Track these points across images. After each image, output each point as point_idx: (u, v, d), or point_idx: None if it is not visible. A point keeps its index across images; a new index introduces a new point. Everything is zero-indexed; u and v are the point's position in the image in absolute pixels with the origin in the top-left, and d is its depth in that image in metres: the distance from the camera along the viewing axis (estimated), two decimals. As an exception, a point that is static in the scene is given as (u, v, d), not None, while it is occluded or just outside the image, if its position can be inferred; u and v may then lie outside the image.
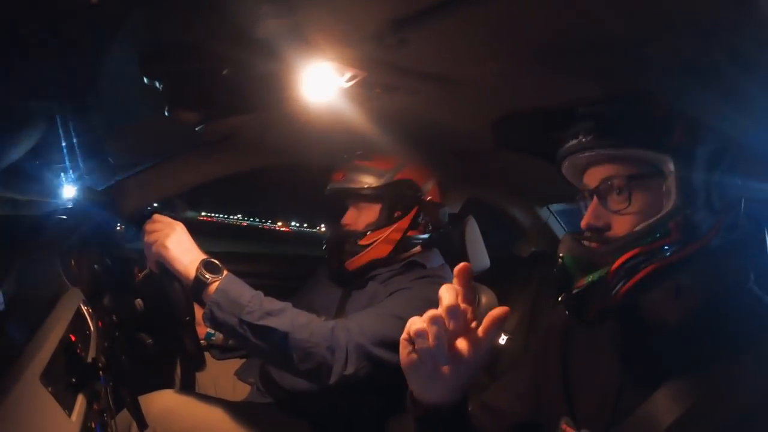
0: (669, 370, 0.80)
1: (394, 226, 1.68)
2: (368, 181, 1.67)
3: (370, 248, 1.67)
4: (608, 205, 0.85)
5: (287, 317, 1.30)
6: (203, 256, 1.30)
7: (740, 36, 0.78)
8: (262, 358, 1.62)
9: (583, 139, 0.86)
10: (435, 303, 1.47)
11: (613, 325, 0.92)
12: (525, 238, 2.90)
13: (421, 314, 1.42)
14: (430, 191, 1.75)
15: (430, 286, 1.56)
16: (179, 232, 1.31)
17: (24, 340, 0.82)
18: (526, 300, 2.58)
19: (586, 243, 0.85)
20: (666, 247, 0.78)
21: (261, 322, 1.26)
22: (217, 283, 1.27)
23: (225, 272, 1.30)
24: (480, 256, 2.06)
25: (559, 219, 2.91)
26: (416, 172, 1.73)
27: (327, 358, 1.30)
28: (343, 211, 1.76)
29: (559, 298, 0.84)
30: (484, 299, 1.80)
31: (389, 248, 1.68)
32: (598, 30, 0.85)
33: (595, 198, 0.87)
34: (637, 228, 0.80)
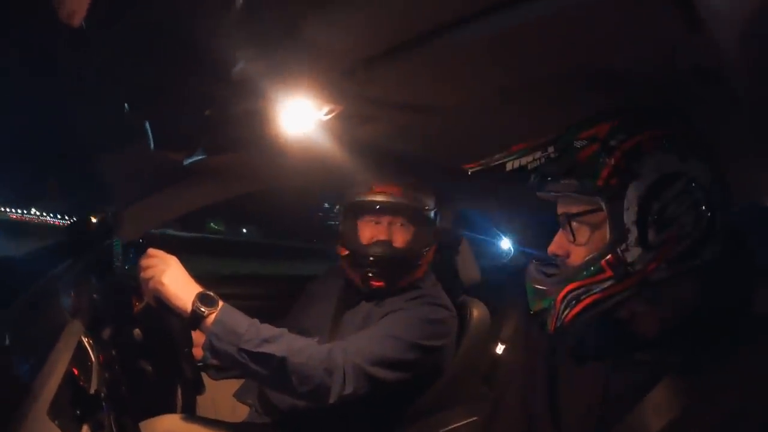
0: (652, 380, 0.82)
1: (434, 247, 1.75)
2: (428, 203, 1.71)
3: (420, 268, 1.71)
4: (566, 237, 0.91)
5: (284, 343, 1.35)
6: (199, 289, 1.33)
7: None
8: (262, 384, 1.65)
9: (535, 181, 0.93)
10: (430, 322, 1.53)
11: (595, 338, 0.94)
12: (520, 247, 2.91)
13: (416, 332, 1.48)
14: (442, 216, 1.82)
15: (425, 307, 1.61)
16: (174, 267, 1.34)
17: (30, 374, 0.86)
18: (522, 309, 2.59)
19: (546, 271, 0.93)
20: (601, 282, 0.82)
21: (259, 350, 1.30)
22: (213, 315, 1.31)
23: (221, 303, 1.34)
24: (471, 271, 2.09)
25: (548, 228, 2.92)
26: (436, 198, 1.78)
27: (325, 379, 1.35)
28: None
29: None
30: (475, 313, 1.83)
31: (426, 269, 1.74)
32: (562, 64, 0.91)
33: (561, 229, 0.93)
34: (581, 262, 0.86)
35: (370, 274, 1.65)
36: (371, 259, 1.64)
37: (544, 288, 0.90)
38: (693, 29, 0.73)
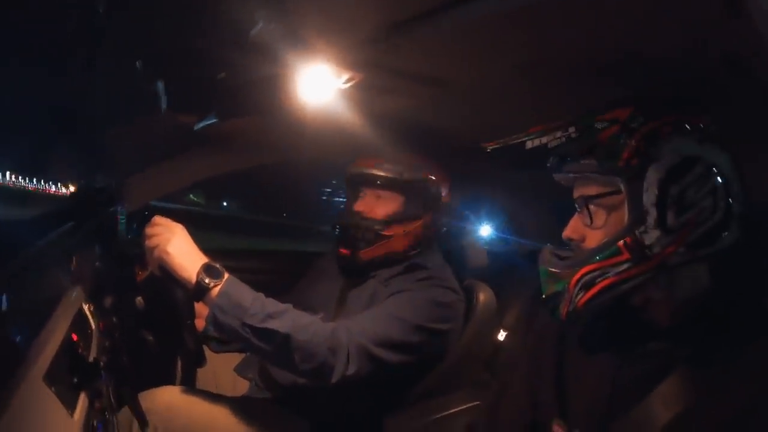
0: (662, 371, 0.81)
1: (419, 222, 1.69)
2: (397, 170, 1.66)
3: (389, 240, 1.66)
4: (582, 220, 0.90)
5: (289, 319, 1.32)
6: (204, 260, 1.30)
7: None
8: (265, 359, 1.64)
9: (554, 162, 0.92)
10: (437, 305, 1.51)
11: (607, 326, 0.94)
12: (525, 234, 2.90)
13: (422, 314, 1.45)
14: (446, 195, 1.77)
15: (433, 288, 1.58)
16: (180, 236, 1.31)
17: (27, 341, 0.84)
18: (525, 296, 2.59)
19: (560, 254, 0.92)
20: (618, 265, 0.81)
21: (263, 325, 1.28)
22: (218, 287, 1.28)
23: (226, 275, 1.31)
24: (478, 255, 2.07)
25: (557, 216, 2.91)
26: (439, 173, 1.74)
27: (328, 358, 1.32)
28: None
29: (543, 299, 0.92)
30: (481, 296, 1.81)
31: (408, 243, 1.69)
32: (585, 47, 0.89)
33: (577, 212, 0.92)
34: (596, 245, 0.86)
35: (339, 243, 1.71)
36: (337, 228, 1.72)
37: (558, 271, 0.89)
38: (733, 14, 0.71)
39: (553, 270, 0.90)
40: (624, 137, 0.82)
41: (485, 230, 2.47)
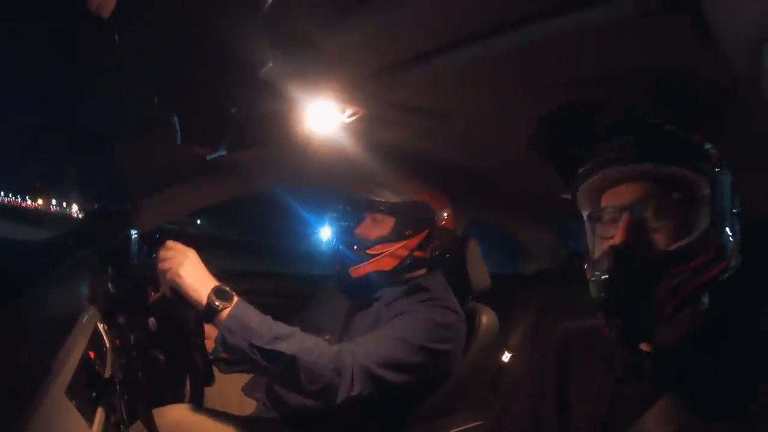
0: (662, 390, 0.82)
1: (403, 243, 1.71)
2: (388, 195, 1.71)
3: (375, 259, 1.70)
4: (642, 223, 0.82)
5: (295, 341, 1.37)
6: (215, 284, 1.36)
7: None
8: (271, 380, 1.67)
9: (629, 151, 0.84)
10: (438, 326, 1.54)
11: (609, 344, 0.92)
12: (529, 256, 2.91)
13: (424, 335, 1.47)
14: (445, 218, 1.80)
15: (435, 309, 1.61)
16: (192, 259, 1.37)
17: (49, 357, 0.88)
18: (530, 318, 2.58)
19: (632, 258, 0.82)
20: (706, 265, 0.79)
21: (270, 347, 1.33)
22: (228, 310, 1.33)
23: (235, 298, 1.36)
24: (481, 278, 2.08)
25: (563, 237, 2.93)
26: (434, 198, 1.77)
27: (333, 379, 1.36)
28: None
29: (611, 317, 0.82)
30: (484, 319, 1.82)
31: (394, 263, 1.71)
32: (587, 77, 0.93)
33: (626, 215, 0.83)
34: (677, 245, 0.79)
35: (334, 260, 1.77)
36: (332, 245, 1.79)
37: (641, 275, 0.80)
38: (705, 44, 0.75)
39: (634, 273, 0.80)
40: (711, 145, 0.84)
41: (325, 233, 2.41)
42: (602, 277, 0.82)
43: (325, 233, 1.85)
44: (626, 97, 0.98)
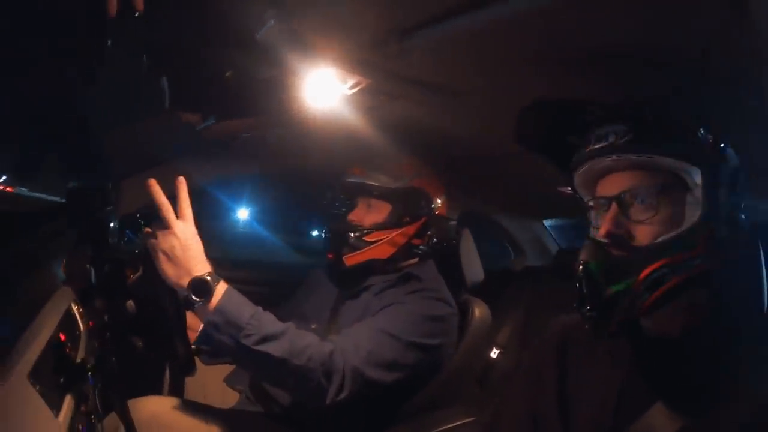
0: (668, 384, 0.80)
1: (401, 230, 1.67)
2: (385, 180, 1.66)
3: (372, 246, 1.65)
4: (630, 215, 0.82)
5: (286, 342, 1.27)
6: (207, 269, 1.24)
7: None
8: (257, 378, 1.61)
9: (616, 142, 0.83)
10: (430, 319, 1.49)
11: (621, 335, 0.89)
12: (519, 252, 2.91)
13: (415, 330, 1.42)
14: (440, 206, 1.76)
15: (425, 301, 1.57)
16: (183, 239, 1.24)
17: (13, 338, 0.81)
18: (518, 314, 2.59)
19: (612, 251, 0.82)
20: (691, 260, 0.77)
21: (258, 348, 1.23)
22: (215, 301, 1.23)
23: (224, 288, 1.26)
24: (474, 269, 2.06)
25: (552, 234, 2.94)
26: (431, 184, 1.73)
27: (323, 382, 1.30)
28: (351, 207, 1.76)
29: (585, 310, 0.81)
30: (477, 312, 1.79)
31: (391, 251, 1.67)
32: (597, 40, 0.88)
33: (614, 206, 0.83)
34: (661, 239, 0.79)
35: (326, 248, 1.72)
36: (325, 233, 1.76)
37: (620, 267, 0.80)
38: (738, 13, 0.73)
39: (612, 266, 0.80)
40: (704, 128, 0.81)
41: (243, 213, 2.43)
42: (579, 268, 0.82)
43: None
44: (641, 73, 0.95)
